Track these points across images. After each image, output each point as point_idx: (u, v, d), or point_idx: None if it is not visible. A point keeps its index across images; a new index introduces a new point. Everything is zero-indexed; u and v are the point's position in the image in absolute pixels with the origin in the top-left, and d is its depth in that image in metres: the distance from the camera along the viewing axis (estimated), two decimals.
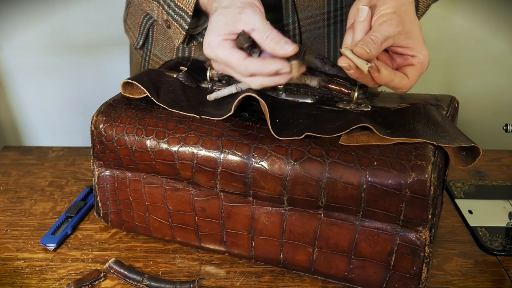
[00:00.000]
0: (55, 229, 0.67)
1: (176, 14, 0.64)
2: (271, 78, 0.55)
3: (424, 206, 0.49)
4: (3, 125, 1.40)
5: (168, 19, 0.66)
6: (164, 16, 0.66)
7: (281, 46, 0.54)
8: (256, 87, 0.56)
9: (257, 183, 0.54)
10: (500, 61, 1.31)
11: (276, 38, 0.54)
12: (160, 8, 0.66)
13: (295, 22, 0.73)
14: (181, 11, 0.63)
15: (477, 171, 0.82)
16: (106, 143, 0.60)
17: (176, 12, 0.64)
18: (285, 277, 0.60)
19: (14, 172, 0.83)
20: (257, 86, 0.56)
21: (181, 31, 0.65)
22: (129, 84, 0.61)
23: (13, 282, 0.59)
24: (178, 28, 0.65)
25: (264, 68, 0.54)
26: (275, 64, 0.54)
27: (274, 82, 0.55)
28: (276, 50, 0.54)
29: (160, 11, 0.66)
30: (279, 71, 0.54)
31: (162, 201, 0.61)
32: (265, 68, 0.54)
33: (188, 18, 0.63)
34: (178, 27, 0.65)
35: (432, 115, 0.55)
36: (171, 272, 0.61)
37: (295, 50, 0.53)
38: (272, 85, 0.56)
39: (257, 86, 0.56)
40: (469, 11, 1.26)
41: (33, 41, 1.28)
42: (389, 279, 0.54)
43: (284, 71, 0.54)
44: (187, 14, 0.63)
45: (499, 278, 0.60)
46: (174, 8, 0.64)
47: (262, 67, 0.54)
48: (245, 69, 0.54)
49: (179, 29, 0.65)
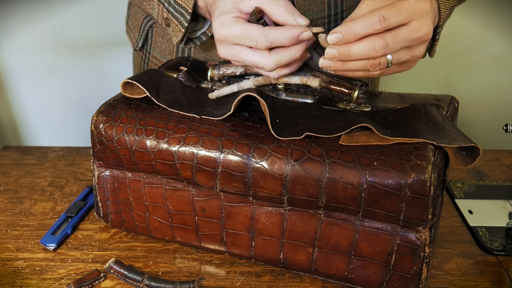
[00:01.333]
0: (55, 229, 0.67)
1: (176, 11, 0.64)
2: (288, 52, 0.54)
3: (424, 206, 0.49)
4: (3, 125, 1.40)
5: (168, 17, 0.66)
6: (164, 14, 0.66)
7: (294, 17, 0.53)
8: (271, 66, 0.55)
9: (257, 183, 0.54)
10: (500, 61, 1.31)
11: (289, 9, 0.54)
12: (160, 6, 0.67)
13: None
14: (181, 8, 0.64)
15: (477, 171, 0.82)
16: (106, 143, 0.60)
17: (176, 10, 0.64)
18: (285, 277, 0.60)
19: (14, 172, 0.83)
20: (272, 65, 0.54)
21: (180, 28, 0.65)
22: (129, 84, 0.61)
23: (13, 282, 0.59)
24: (178, 26, 0.65)
25: (285, 33, 0.53)
26: (296, 28, 0.53)
27: (291, 56, 0.54)
28: (289, 20, 0.53)
29: (160, 9, 0.67)
30: (300, 36, 0.53)
31: (162, 201, 0.61)
32: (285, 34, 0.53)
33: (187, 15, 0.63)
34: (177, 24, 0.65)
35: (432, 115, 0.55)
36: (171, 272, 0.61)
37: (308, 23, 0.53)
38: (289, 61, 0.55)
39: (272, 64, 0.54)
40: (469, 11, 1.26)
41: (33, 41, 1.28)
42: (389, 279, 0.54)
43: (305, 35, 0.53)
44: (187, 11, 0.63)
45: (499, 278, 0.60)
46: (174, 6, 0.64)
47: (282, 32, 0.53)
48: (265, 36, 0.53)
49: (178, 27, 0.65)
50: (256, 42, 0.54)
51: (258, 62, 0.55)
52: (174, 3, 0.64)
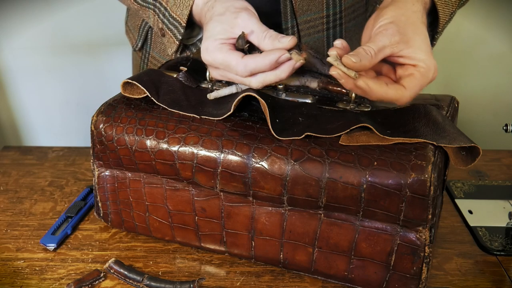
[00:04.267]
0: (55, 229, 0.67)
1: (170, 24, 0.65)
2: (272, 73, 0.54)
3: (424, 206, 0.49)
4: (3, 125, 1.40)
5: (163, 28, 0.66)
6: (160, 24, 0.66)
7: (279, 40, 0.54)
8: (257, 86, 0.55)
9: (257, 183, 0.54)
10: (500, 61, 1.31)
11: (273, 36, 0.54)
12: (155, 16, 0.67)
13: (294, 26, 0.73)
14: (175, 21, 0.64)
15: (477, 171, 0.82)
16: (106, 143, 0.60)
17: (171, 22, 0.64)
18: (285, 277, 0.60)
19: (14, 172, 0.83)
20: (258, 84, 0.55)
21: (175, 40, 0.65)
22: (129, 84, 0.61)
23: (13, 282, 0.59)
24: (172, 38, 0.65)
25: (263, 60, 0.53)
26: (274, 53, 0.53)
27: (276, 76, 0.54)
28: (275, 45, 0.54)
29: (156, 19, 0.67)
30: (278, 60, 0.53)
31: (162, 201, 0.61)
32: (264, 60, 0.53)
33: (181, 28, 0.63)
34: (172, 36, 0.65)
35: (432, 115, 0.55)
36: (171, 272, 0.61)
37: (294, 40, 0.53)
38: (274, 81, 0.55)
39: (259, 84, 0.55)
40: (469, 11, 1.26)
41: (33, 41, 1.28)
42: (389, 279, 0.54)
43: (284, 58, 0.53)
44: (181, 25, 0.63)
45: (499, 278, 0.60)
46: (169, 18, 0.64)
47: (261, 60, 0.53)
48: (244, 66, 0.54)
49: (172, 39, 0.65)
50: (236, 73, 0.55)
51: (245, 82, 0.56)
52: (168, 16, 0.64)
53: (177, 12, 0.63)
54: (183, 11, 0.62)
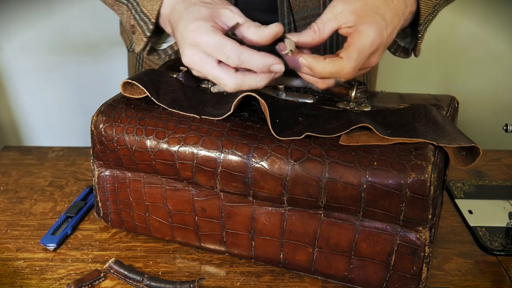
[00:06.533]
0: (55, 229, 0.67)
1: (140, 19, 0.64)
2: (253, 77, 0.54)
3: (424, 206, 0.49)
4: (3, 125, 1.40)
5: (134, 24, 0.66)
6: (131, 21, 0.66)
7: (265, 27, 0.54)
8: (233, 87, 0.54)
9: (257, 183, 0.54)
10: (499, 61, 1.31)
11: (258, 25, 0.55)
12: (128, 12, 0.66)
13: (290, 23, 0.73)
14: (145, 17, 0.64)
15: (477, 171, 0.82)
16: (106, 143, 0.60)
17: (141, 17, 0.64)
18: (285, 277, 0.60)
19: (14, 172, 0.83)
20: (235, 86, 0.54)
21: (143, 37, 0.65)
22: (129, 84, 0.61)
23: (13, 282, 0.59)
24: (141, 34, 0.65)
25: (259, 58, 0.53)
26: (271, 58, 0.53)
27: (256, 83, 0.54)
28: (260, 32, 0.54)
29: (129, 15, 0.66)
30: (271, 66, 0.53)
31: (162, 201, 0.61)
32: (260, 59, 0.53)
33: (150, 24, 0.63)
34: (141, 32, 0.65)
35: (432, 115, 0.55)
36: (171, 272, 0.61)
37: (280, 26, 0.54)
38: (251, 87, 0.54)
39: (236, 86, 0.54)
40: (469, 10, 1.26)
41: (33, 41, 1.28)
42: (389, 279, 0.54)
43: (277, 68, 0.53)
44: (150, 21, 0.63)
45: (499, 278, 0.60)
46: (140, 13, 0.64)
47: (257, 57, 0.53)
48: (238, 55, 0.53)
49: (141, 35, 0.65)
50: (227, 58, 0.53)
51: (222, 79, 0.55)
52: (140, 11, 0.64)
53: (147, 7, 0.63)
54: (153, 5, 0.62)
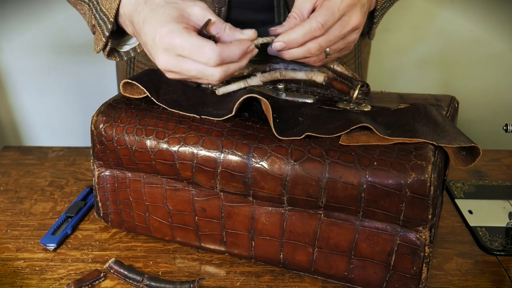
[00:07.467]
0: (55, 229, 0.67)
1: (100, 19, 0.63)
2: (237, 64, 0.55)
3: (424, 206, 0.49)
4: (3, 125, 1.40)
5: (95, 24, 0.64)
6: (93, 21, 0.65)
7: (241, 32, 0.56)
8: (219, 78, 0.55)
9: (257, 183, 0.54)
10: (499, 61, 1.31)
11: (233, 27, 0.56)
12: (90, 11, 0.65)
13: None
14: (104, 16, 0.63)
15: (477, 171, 0.82)
16: (106, 143, 0.60)
17: (101, 17, 0.63)
18: (285, 277, 0.60)
19: (14, 172, 0.83)
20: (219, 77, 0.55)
21: (102, 37, 0.64)
22: (129, 84, 0.61)
23: (13, 282, 0.59)
24: (100, 34, 0.64)
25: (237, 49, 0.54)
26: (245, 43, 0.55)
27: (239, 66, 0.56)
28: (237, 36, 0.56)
29: (90, 15, 0.65)
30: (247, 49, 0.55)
31: (162, 201, 0.61)
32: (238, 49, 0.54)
33: (109, 24, 0.62)
34: (100, 32, 0.64)
35: (432, 115, 0.55)
36: (171, 272, 0.61)
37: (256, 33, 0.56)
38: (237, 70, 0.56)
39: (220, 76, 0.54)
40: (469, 10, 1.26)
41: (33, 41, 1.28)
42: (389, 279, 0.54)
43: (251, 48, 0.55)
44: (109, 20, 0.62)
45: (499, 278, 0.60)
46: (99, 13, 0.63)
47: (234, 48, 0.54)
48: (219, 55, 0.53)
49: (100, 35, 0.64)
50: (208, 59, 0.53)
51: (205, 75, 0.55)
52: (100, 10, 0.63)
53: (106, 5, 0.62)
54: (111, 4, 0.61)
